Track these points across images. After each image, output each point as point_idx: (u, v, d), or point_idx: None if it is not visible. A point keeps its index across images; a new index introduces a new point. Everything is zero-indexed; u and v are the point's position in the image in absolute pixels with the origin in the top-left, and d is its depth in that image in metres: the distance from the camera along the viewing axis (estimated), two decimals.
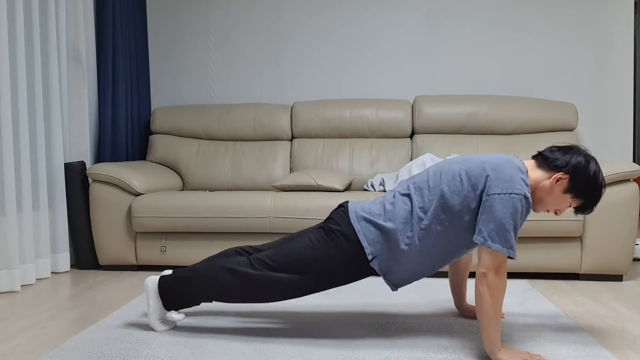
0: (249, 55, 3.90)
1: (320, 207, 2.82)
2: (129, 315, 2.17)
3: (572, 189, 1.73)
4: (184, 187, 3.57)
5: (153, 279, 1.95)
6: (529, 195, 1.66)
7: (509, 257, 1.64)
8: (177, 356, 1.74)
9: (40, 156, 2.86)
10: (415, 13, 3.78)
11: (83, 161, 3.15)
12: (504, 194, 1.63)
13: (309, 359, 1.71)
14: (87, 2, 3.30)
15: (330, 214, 1.92)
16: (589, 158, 1.74)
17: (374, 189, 3.23)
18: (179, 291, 1.92)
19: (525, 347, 1.81)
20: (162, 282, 1.94)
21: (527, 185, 1.67)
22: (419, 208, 1.76)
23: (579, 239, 2.75)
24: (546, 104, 3.45)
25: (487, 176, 1.68)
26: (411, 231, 1.75)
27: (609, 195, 2.70)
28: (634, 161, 4.92)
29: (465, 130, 3.48)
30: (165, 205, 2.92)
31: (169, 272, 2.10)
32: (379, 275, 1.83)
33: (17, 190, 2.72)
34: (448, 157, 3.09)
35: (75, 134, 3.24)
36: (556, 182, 1.73)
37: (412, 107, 3.57)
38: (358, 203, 1.88)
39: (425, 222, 1.74)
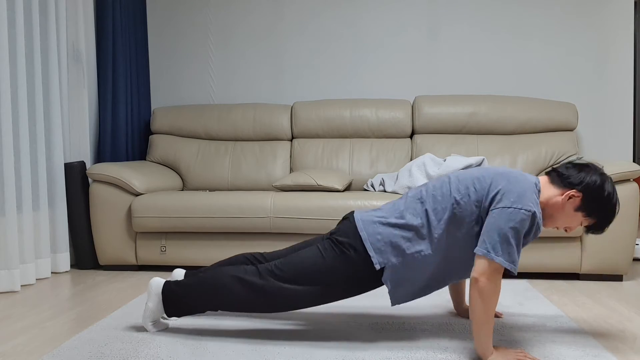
0: (249, 55, 3.91)
1: (320, 207, 2.82)
2: (129, 316, 2.17)
3: (584, 207, 1.71)
4: (184, 187, 3.57)
5: (157, 281, 1.92)
6: (538, 214, 1.64)
7: (509, 272, 1.62)
8: (177, 356, 1.74)
9: (40, 156, 2.86)
10: (415, 13, 3.78)
11: (83, 161, 3.15)
12: (513, 208, 1.61)
13: (309, 359, 1.71)
14: (87, 2, 3.30)
15: (336, 225, 1.90)
16: (605, 178, 1.71)
17: (374, 189, 3.23)
18: (184, 298, 1.88)
19: (525, 347, 1.81)
20: (167, 289, 1.90)
21: (538, 203, 1.66)
22: (433, 213, 1.74)
23: (579, 239, 2.75)
24: (546, 104, 3.45)
25: (500, 188, 1.67)
26: (423, 239, 1.73)
27: None
28: (634, 161, 4.92)
29: (465, 130, 3.48)
30: (165, 205, 2.92)
31: (180, 272, 2.10)
32: (383, 286, 1.80)
33: (17, 190, 2.72)
34: (448, 157, 3.10)
35: (75, 134, 3.24)
36: (568, 200, 1.71)
37: (412, 107, 3.57)
38: (363, 212, 1.86)
39: (437, 230, 1.72)
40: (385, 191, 3.13)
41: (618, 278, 2.78)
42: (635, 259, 3.27)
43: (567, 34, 3.68)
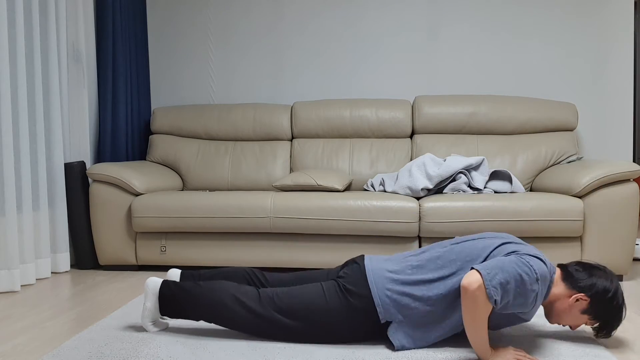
0: (249, 55, 3.91)
1: (320, 207, 2.82)
2: (129, 316, 2.17)
3: (591, 311, 1.72)
4: (184, 187, 3.57)
5: (155, 281, 1.92)
6: (540, 289, 1.63)
7: (488, 296, 1.56)
8: (177, 356, 1.74)
9: (40, 156, 2.86)
10: (415, 13, 3.78)
11: (83, 161, 3.15)
12: (526, 261, 1.61)
13: (308, 359, 1.71)
14: (87, 2, 3.30)
15: (345, 268, 1.88)
16: (615, 286, 1.72)
17: (374, 189, 3.23)
18: (180, 302, 1.89)
19: (525, 347, 1.81)
20: (165, 288, 1.90)
21: (546, 287, 1.68)
22: (449, 279, 1.73)
23: (579, 239, 2.75)
24: (546, 104, 3.45)
25: (521, 250, 1.68)
26: (433, 299, 1.72)
27: (609, 195, 2.70)
28: (634, 161, 4.93)
29: (465, 130, 3.48)
30: (165, 205, 2.92)
31: (176, 272, 2.10)
32: (386, 337, 1.79)
33: (17, 190, 2.72)
34: (448, 157, 3.10)
35: (75, 134, 3.24)
36: (575, 302, 1.72)
37: (412, 107, 3.57)
38: (374, 260, 1.84)
39: (452, 293, 1.71)
40: (385, 191, 3.13)
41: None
42: (635, 259, 3.28)
43: (567, 34, 3.68)
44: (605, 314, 1.72)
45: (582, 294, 1.71)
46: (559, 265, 1.82)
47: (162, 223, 2.92)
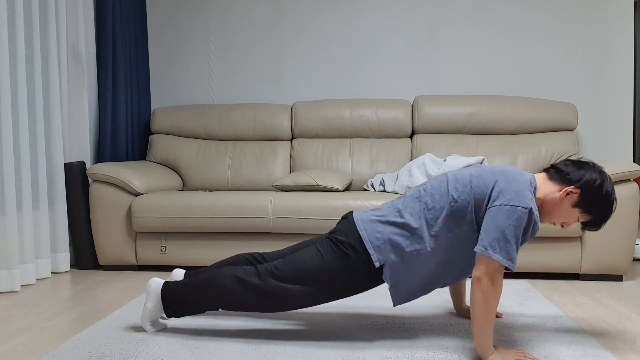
0: (249, 55, 3.90)
1: (320, 207, 2.82)
2: (129, 316, 2.17)
3: (582, 204, 1.72)
4: (184, 187, 3.57)
5: (156, 282, 1.92)
6: (535, 211, 1.65)
7: (507, 269, 1.62)
8: (177, 356, 1.74)
9: (40, 156, 2.86)
10: (415, 13, 3.78)
11: (83, 161, 3.15)
12: (510, 205, 1.62)
13: (309, 359, 1.71)
14: (87, 2, 3.30)
15: (335, 226, 1.91)
16: (604, 176, 1.72)
17: (374, 189, 3.23)
18: (183, 298, 1.89)
19: (525, 347, 1.81)
20: (166, 289, 1.90)
21: (534, 200, 1.67)
22: (431, 212, 1.74)
23: (579, 239, 2.75)
24: (546, 104, 3.45)
25: (496, 186, 1.67)
26: (422, 237, 1.74)
27: None
28: (634, 161, 4.92)
29: (465, 130, 3.48)
30: (165, 205, 2.92)
31: (180, 272, 2.10)
32: (384, 284, 1.81)
33: (17, 190, 2.72)
34: (448, 157, 3.10)
35: (75, 134, 3.24)
36: (566, 195, 1.72)
37: (412, 107, 3.57)
38: (362, 212, 1.87)
39: (435, 228, 1.74)
40: (385, 191, 3.13)
41: (618, 278, 2.78)
42: (635, 259, 3.27)
43: (567, 34, 3.68)
44: (597, 204, 1.72)
45: (572, 187, 1.71)
46: (544, 169, 1.81)
47: (162, 223, 2.92)
